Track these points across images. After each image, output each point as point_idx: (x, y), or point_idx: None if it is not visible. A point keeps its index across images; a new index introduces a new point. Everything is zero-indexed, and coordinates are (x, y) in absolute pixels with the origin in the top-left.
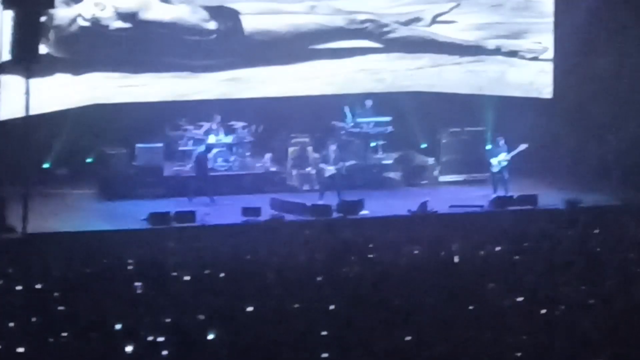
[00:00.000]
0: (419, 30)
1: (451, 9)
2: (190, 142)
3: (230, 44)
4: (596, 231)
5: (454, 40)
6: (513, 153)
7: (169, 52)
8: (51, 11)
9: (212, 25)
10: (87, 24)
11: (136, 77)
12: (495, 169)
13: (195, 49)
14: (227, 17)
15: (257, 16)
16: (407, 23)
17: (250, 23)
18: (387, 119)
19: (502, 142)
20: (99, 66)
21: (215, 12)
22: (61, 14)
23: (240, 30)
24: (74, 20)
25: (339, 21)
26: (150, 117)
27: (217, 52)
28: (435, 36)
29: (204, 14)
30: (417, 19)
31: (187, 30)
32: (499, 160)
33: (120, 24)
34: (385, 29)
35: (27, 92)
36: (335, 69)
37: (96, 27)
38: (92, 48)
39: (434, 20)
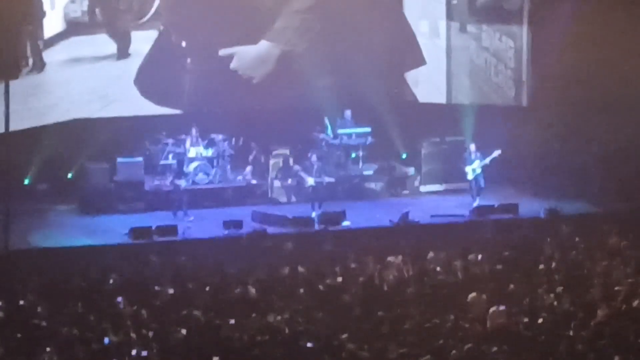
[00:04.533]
0: None
1: None
2: (170, 155)
3: None
4: (577, 239)
5: None
6: (487, 160)
7: None
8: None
9: None
10: None
11: None
12: (470, 177)
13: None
14: None
15: None
16: None
17: None
18: (367, 129)
19: (473, 149)
20: None
21: None
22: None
23: None
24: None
25: None
26: (130, 131)
27: None
28: None
29: None
30: None
31: None
32: (473, 168)
33: None
34: None
35: (7, 108)
36: None
37: None
38: None
39: None
